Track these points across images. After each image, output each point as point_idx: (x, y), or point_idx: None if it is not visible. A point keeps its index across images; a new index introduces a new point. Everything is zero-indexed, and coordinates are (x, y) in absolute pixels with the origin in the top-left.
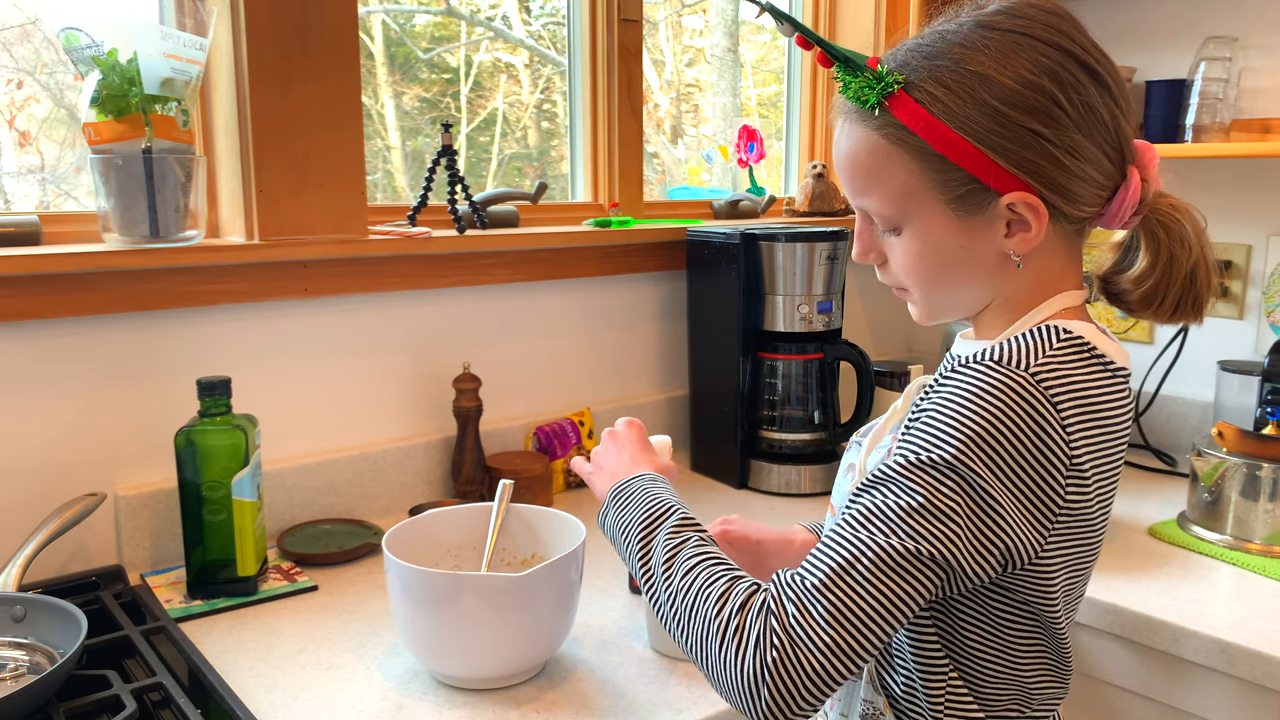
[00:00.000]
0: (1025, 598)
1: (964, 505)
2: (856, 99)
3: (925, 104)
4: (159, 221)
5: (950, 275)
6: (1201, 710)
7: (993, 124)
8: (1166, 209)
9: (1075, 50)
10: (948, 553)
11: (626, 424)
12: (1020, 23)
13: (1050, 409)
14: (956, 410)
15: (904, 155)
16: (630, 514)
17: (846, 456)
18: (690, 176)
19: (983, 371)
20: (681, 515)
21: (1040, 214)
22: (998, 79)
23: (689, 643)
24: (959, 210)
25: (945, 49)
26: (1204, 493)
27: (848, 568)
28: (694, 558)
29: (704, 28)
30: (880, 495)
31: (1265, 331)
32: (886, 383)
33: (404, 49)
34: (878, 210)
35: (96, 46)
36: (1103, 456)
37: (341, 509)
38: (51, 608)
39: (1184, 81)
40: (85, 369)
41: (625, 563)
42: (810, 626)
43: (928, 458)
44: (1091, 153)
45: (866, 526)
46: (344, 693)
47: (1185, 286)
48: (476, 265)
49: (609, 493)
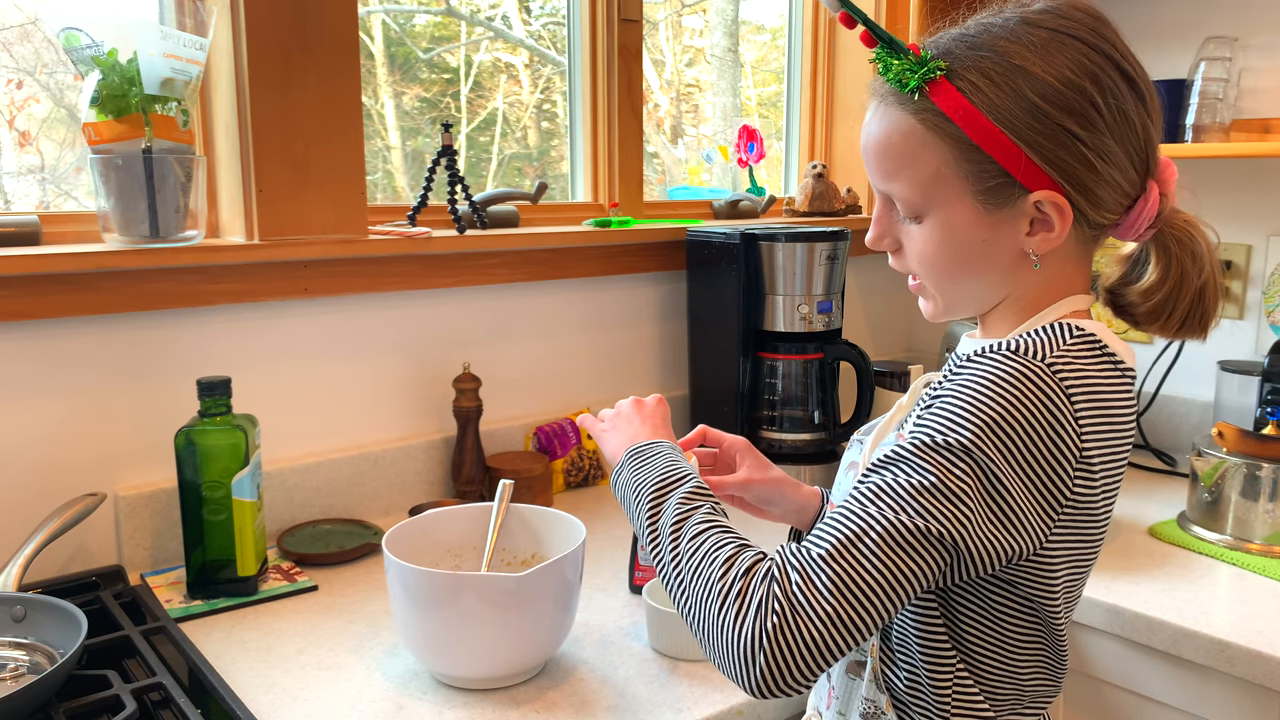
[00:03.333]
0: (1027, 592)
1: (975, 488)
2: (897, 81)
3: (966, 93)
4: (159, 221)
5: (966, 268)
6: (1201, 710)
7: (1031, 119)
8: (1181, 224)
9: (1116, 56)
10: (956, 534)
11: (655, 400)
12: (1065, 23)
13: (1065, 401)
14: (973, 396)
15: (939, 142)
16: (645, 474)
17: (848, 455)
18: (690, 176)
19: (1001, 361)
20: (696, 483)
21: (1065, 215)
22: (1040, 75)
23: (689, 605)
24: (986, 203)
25: (990, 40)
26: (1204, 493)
27: (855, 540)
28: (704, 523)
29: (704, 28)
30: (892, 473)
31: (1265, 331)
32: (886, 383)
33: (404, 49)
34: (903, 195)
35: (96, 46)
36: (1110, 453)
37: (341, 509)
38: (51, 608)
39: (1184, 81)
40: (85, 369)
41: (632, 522)
42: (812, 595)
43: (942, 440)
44: (1121, 159)
45: (876, 502)
46: (344, 693)
47: (1194, 303)
48: (476, 265)
49: (626, 451)
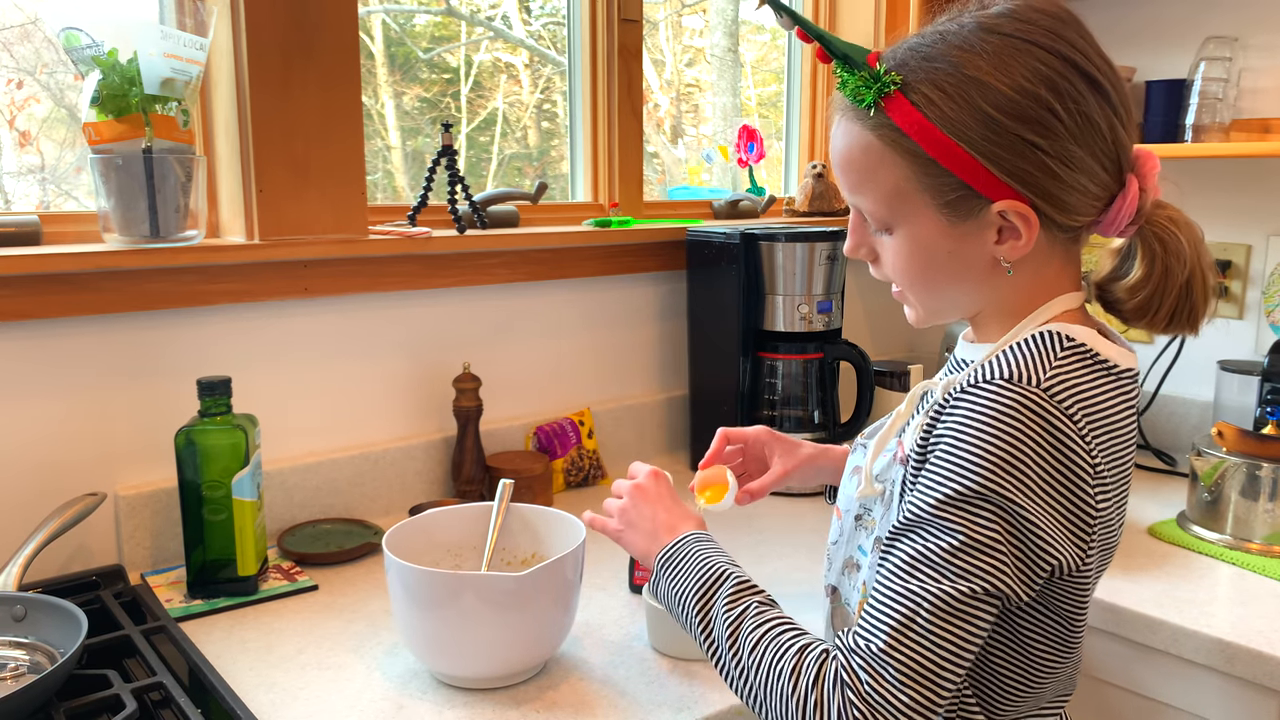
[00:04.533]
0: (1059, 608)
1: (1004, 533)
2: (853, 97)
3: (920, 107)
4: (159, 221)
5: (940, 278)
6: (1201, 710)
7: (987, 131)
8: (1164, 221)
9: (1076, 58)
10: (1000, 583)
11: (653, 477)
12: (1022, 27)
13: (1068, 423)
14: (976, 436)
15: (896, 157)
16: (682, 583)
17: (851, 459)
18: (690, 176)
19: (995, 392)
20: (735, 580)
21: (1031, 223)
22: (994, 85)
23: (766, 717)
24: (949, 215)
25: (944, 51)
26: (1204, 492)
27: (909, 624)
28: (756, 629)
29: (704, 28)
30: (920, 539)
31: (1265, 331)
32: (886, 382)
33: (404, 49)
34: (869, 209)
35: (96, 46)
36: (1117, 459)
37: (341, 509)
38: (52, 607)
39: (1184, 81)
40: (85, 369)
41: (686, 630)
42: (887, 692)
43: (956, 491)
44: (1087, 163)
45: (915, 575)
46: (344, 693)
47: (1180, 299)
48: (476, 265)
49: (656, 562)
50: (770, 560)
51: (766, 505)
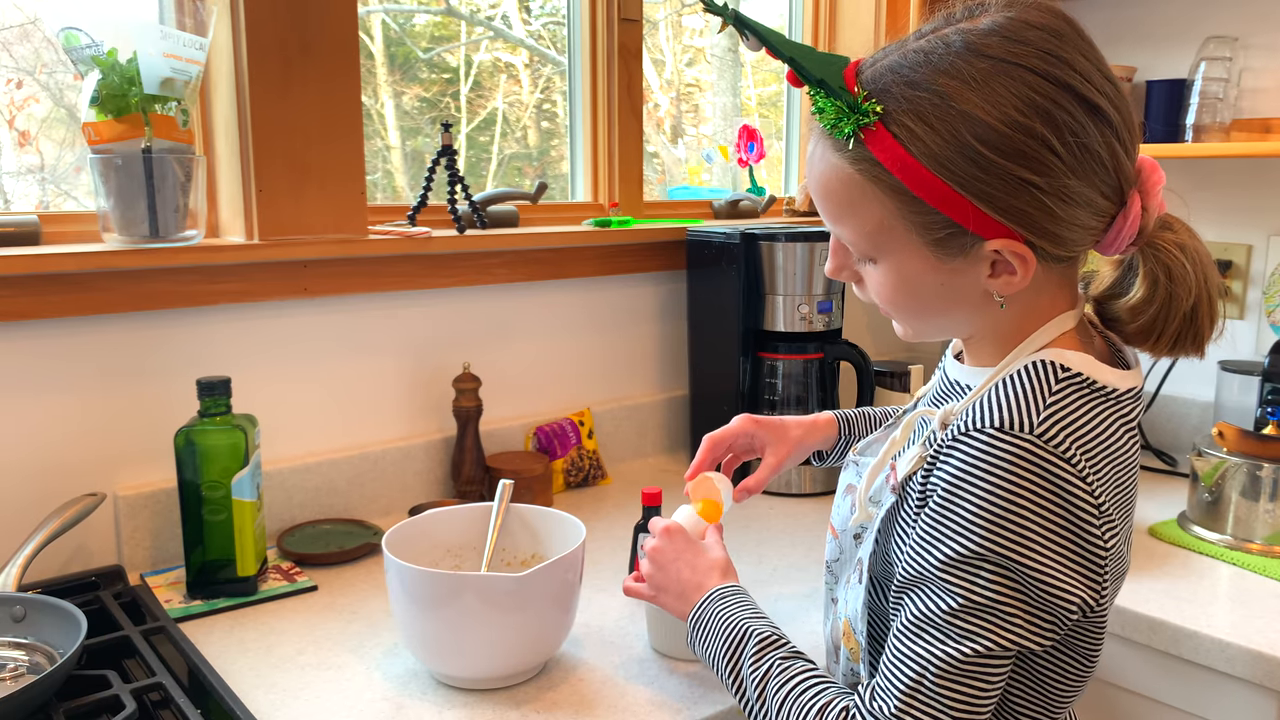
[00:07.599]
0: (1077, 646)
1: (1008, 589)
2: (831, 126)
3: (904, 141)
4: (159, 221)
5: (928, 308)
6: (1201, 710)
7: (976, 169)
8: (1171, 248)
9: (1074, 82)
10: (1007, 640)
11: (665, 536)
12: (1013, 49)
13: (1067, 467)
14: (972, 492)
15: (879, 193)
16: (712, 646)
17: (844, 476)
18: (690, 176)
19: (988, 442)
20: (757, 639)
21: (1028, 261)
22: (983, 119)
23: None
24: (939, 252)
25: (928, 77)
26: (1204, 493)
27: (918, 684)
28: (780, 689)
29: (704, 28)
30: (924, 598)
31: (1265, 331)
32: (886, 383)
33: (404, 49)
34: (851, 241)
35: (96, 46)
36: (1120, 488)
37: (341, 509)
38: (51, 608)
39: (1184, 81)
40: (85, 369)
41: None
42: None
43: (955, 553)
44: (1086, 195)
45: (921, 636)
46: (344, 693)
47: (1184, 324)
48: (476, 265)
49: (688, 625)
50: (770, 560)
51: (766, 505)
